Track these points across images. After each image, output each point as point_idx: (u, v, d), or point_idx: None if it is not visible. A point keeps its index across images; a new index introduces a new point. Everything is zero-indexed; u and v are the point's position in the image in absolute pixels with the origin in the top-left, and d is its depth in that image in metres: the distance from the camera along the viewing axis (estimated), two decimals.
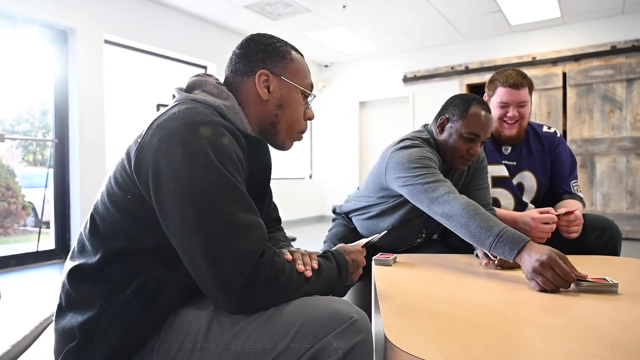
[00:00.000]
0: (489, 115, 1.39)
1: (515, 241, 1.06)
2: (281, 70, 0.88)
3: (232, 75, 0.89)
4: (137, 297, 0.70)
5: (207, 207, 0.67)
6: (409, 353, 0.64)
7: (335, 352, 0.65)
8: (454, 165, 1.45)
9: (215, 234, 0.66)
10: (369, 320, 0.71)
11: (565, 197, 1.64)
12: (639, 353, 0.65)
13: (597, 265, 1.30)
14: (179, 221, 0.67)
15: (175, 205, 0.67)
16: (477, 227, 1.13)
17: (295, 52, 0.93)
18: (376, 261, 1.27)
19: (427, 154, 1.37)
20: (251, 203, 0.72)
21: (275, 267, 0.70)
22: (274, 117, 0.88)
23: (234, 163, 0.71)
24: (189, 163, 0.67)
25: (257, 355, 0.67)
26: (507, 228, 1.10)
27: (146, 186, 0.70)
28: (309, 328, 0.67)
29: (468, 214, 1.16)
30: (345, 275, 0.87)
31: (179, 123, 0.70)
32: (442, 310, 0.85)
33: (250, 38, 0.90)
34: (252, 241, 0.68)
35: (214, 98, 0.82)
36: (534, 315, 0.82)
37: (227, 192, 0.68)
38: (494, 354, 0.65)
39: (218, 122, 0.73)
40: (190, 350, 0.70)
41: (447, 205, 1.20)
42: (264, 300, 0.69)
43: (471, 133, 1.37)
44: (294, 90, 0.89)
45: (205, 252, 0.66)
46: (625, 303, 0.90)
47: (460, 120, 1.39)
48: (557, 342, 0.69)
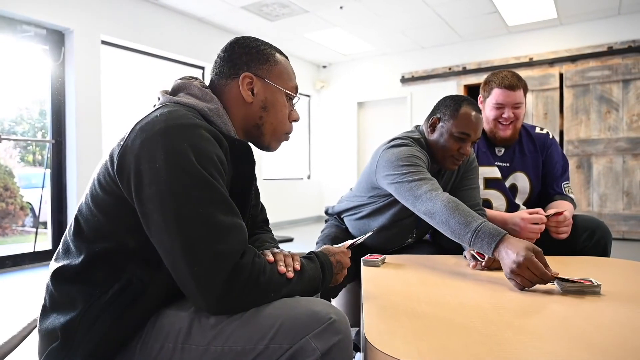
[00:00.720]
0: (479, 116, 1.41)
1: (492, 235, 1.08)
2: (265, 72, 0.89)
3: (217, 78, 0.90)
4: (119, 298, 0.71)
5: (188, 209, 0.67)
6: (386, 353, 0.65)
7: (313, 352, 0.66)
8: (445, 165, 1.46)
9: (195, 235, 0.67)
10: (348, 321, 0.72)
11: (557, 198, 1.65)
12: (613, 353, 0.65)
13: (586, 265, 1.31)
14: (160, 223, 0.68)
15: (156, 207, 0.68)
16: (456, 223, 1.16)
17: (280, 55, 0.94)
18: (365, 262, 1.28)
19: (416, 153, 1.38)
20: (232, 205, 0.73)
21: (256, 268, 0.71)
22: (258, 119, 0.90)
23: (216, 165, 0.72)
24: (170, 165, 0.68)
25: (237, 355, 0.68)
26: (485, 223, 1.12)
27: (128, 188, 0.71)
28: (288, 328, 0.68)
29: (448, 211, 1.18)
30: (330, 277, 0.88)
31: (160, 126, 0.71)
32: (424, 311, 0.85)
33: (235, 41, 0.91)
34: (232, 243, 0.69)
35: (198, 101, 0.83)
36: (515, 316, 0.83)
37: (207, 194, 0.69)
38: (469, 354, 0.65)
39: (200, 124, 0.74)
40: (171, 350, 0.71)
41: (429, 202, 1.23)
42: (243, 301, 0.70)
43: (462, 133, 1.39)
44: (278, 92, 0.90)
45: (185, 253, 0.67)
46: (607, 304, 0.91)
47: (451, 120, 1.41)
48: (532, 342, 0.70)
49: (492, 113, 1.64)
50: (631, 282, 1.10)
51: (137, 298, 0.72)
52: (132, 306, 0.72)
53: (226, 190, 0.74)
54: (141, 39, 4.27)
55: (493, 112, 1.63)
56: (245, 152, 0.84)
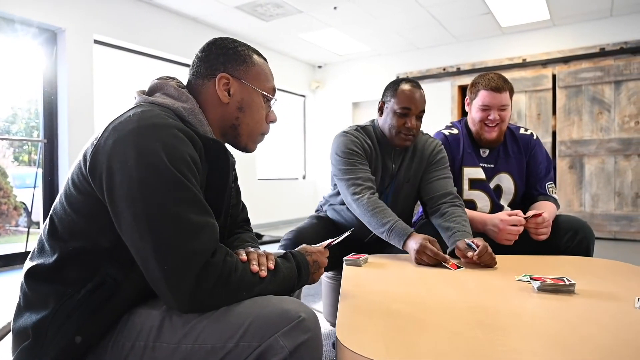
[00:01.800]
0: (417, 90, 1.53)
1: (401, 234, 1.35)
2: (242, 73, 0.90)
3: (194, 78, 0.90)
4: (91, 297, 0.72)
5: (158, 208, 0.68)
6: (352, 350, 0.66)
7: (281, 350, 0.67)
8: (396, 143, 1.55)
9: (165, 234, 0.68)
10: (318, 319, 0.73)
11: (540, 198, 1.66)
12: (576, 350, 0.67)
13: (567, 265, 1.32)
14: (131, 222, 0.68)
15: (127, 206, 0.69)
16: (375, 224, 1.41)
17: (258, 56, 0.94)
18: (347, 262, 1.29)
19: (354, 147, 1.53)
20: (204, 204, 0.73)
21: (227, 267, 0.72)
22: (234, 119, 0.90)
23: (188, 165, 0.73)
24: (141, 165, 0.69)
25: (207, 354, 0.69)
26: (396, 223, 1.37)
27: (100, 188, 0.71)
28: (257, 327, 0.68)
29: (368, 214, 1.42)
30: (306, 276, 0.89)
31: (133, 126, 0.71)
32: (398, 310, 0.86)
33: (212, 42, 0.92)
34: (202, 241, 0.70)
35: (174, 101, 0.84)
36: (487, 315, 0.84)
37: (178, 193, 0.70)
38: (436, 351, 0.67)
39: (173, 124, 0.74)
40: (142, 348, 0.71)
41: (356, 207, 1.46)
42: (214, 300, 0.71)
43: (403, 108, 1.51)
44: (255, 93, 0.91)
45: (155, 252, 0.67)
46: (579, 302, 0.92)
47: (392, 99, 1.54)
48: (499, 340, 0.71)
49: (478, 115, 1.65)
50: (607, 281, 1.11)
51: (110, 297, 0.73)
52: (104, 305, 0.72)
53: (199, 190, 0.74)
54: (134, 39, 4.27)
55: (479, 113, 1.65)
56: (220, 152, 0.84)
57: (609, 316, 0.83)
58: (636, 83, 4.61)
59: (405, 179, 1.60)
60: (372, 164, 1.57)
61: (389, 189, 1.61)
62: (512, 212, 1.43)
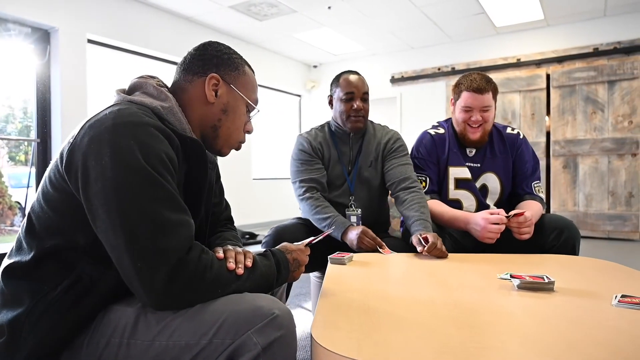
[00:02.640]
0: (356, 76, 1.70)
1: (340, 227, 1.53)
2: (232, 79, 0.92)
3: (184, 74, 0.91)
4: (67, 294, 0.72)
5: (132, 205, 0.69)
6: (325, 347, 0.66)
7: (254, 347, 0.67)
8: (350, 127, 1.70)
9: (138, 231, 0.68)
10: (293, 316, 0.73)
11: (526, 197, 1.66)
12: (547, 347, 0.67)
13: (551, 264, 1.33)
14: (105, 219, 0.69)
15: (101, 204, 0.69)
16: (318, 219, 1.59)
17: (249, 68, 0.98)
18: (332, 260, 1.29)
19: (302, 150, 1.72)
20: (179, 202, 0.74)
21: (202, 264, 0.72)
22: (216, 120, 0.91)
23: (163, 163, 0.73)
24: (115, 163, 0.69)
25: (181, 350, 0.69)
26: (337, 217, 1.56)
27: (76, 185, 0.72)
28: (231, 324, 0.69)
29: (312, 212, 1.60)
30: (286, 274, 0.90)
31: (108, 124, 0.72)
32: (376, 308, 0.87)
33: (209, 43, 0.95)
34: (176, 239, 0.70)
35: (152, 99, 0.84)
36: (463, 313, 0.84)
37: (152, 191, 0.70)
38: (407, 348, 0.67)
39: (148, 122, 0.75)
40: (117, 345, 0.72)
41: (301, 207, 1.65)
42: (187, 297, 0.71)
43: (346, 93, 1.68)
44: (240, 100, 0.94)
45: (128, 248, 0.68)
46: (557, 300, 0.92)
47: (337, 88, 1.72)
48: (473, 337, 0.71)
49: (461, 116, 1.65)
50: (589, 280, 1.12)
51: (86, 294, 0.73)
52: (79, 302, 0.73)
53: (175, 187, 0.74)
54: (128, 38, 4.26)
55: (462, 114, 1.65)
56: (198, 150, 0.85)
57: (584, 314, 0.84)
58: (630, 83, 4.63)
59: (367, 163, 1.74)
60: (326, 156, 1.74)
61: (352, 174, 1.74)
62: (494, 211, 1.44)
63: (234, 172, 5.47)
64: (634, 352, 0.65)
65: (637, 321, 0.78)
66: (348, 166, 1.75)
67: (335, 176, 1.73)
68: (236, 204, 6.15)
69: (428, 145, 1.72)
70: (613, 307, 0.86)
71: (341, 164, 1.74)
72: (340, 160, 1.74)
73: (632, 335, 0.72)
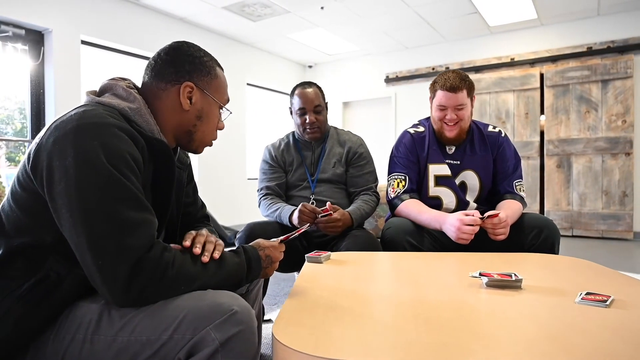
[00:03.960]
0: (308, 89, 1.82)
1: (286, 214, 1.68)
2: (205, 84, 0.94)
3: (155, 81, 0.91)
4: (33, 291, 0.74)
5: (94, 205, 0.70)
6: (282, 342, 0.68)
7: (212, 342, 0.69)
8: (308, 138, 1.86)
9: (99, 230, 0.70)
10: (253, 313, 0.75)
11: (507, 196, 1.67)
12: (501, 343, 0.68)
13: (527, 262, 1.34)
14: (69, 218, 0.71)
15: (64, 203, 0.71)
16: (271, 213, 1.75)
17: (219, 68, 0.99)
18: (308, 259, 1.31)
19: (265, 159, 1.92)
20: (141, 201, 0.75)
21: (163, 262, 0.74)
22: (192, 126, 0.94)
23: (127, 163, 0.75)
24: (78, 163, 0.71)
25: (143, 346, 0.71)
26: (284, 207, 1.71)
27: (41, 185, 0.74)
28: (191, 320, 0.71)
29: (266, 210, 1.78)
30: (258, 270, 0.91)
31: (72, 125, 0.73)
32: (342, 305, 0.88)
33: (179, 46, 0.94)
34: (137, 237, 0.72)
35: (120, 101, 0.85)
36: (426, 310, 0.86)
37: (114, 191, 0.72)
38: (363, 344, 0.68)
39: (113, 123, 0.76)
40: (81, 341, 0.73)
41: (260, 210, 1.85)
42: (149, 295, 0.73)
43: (299, 109, 1.82)
44: (214, 104, 0.96)
45: (90, 247, 0.69)
46: (522, 297, 0.94)
47: (291, 105, 1.88)
48: (429, 332, 0.73)
49: (437, 114, 1.66)
50: (559, 278, 1.13)
51: (53, 291, 0.75)
52: (46, 299, 0.74)
53: (138, 187, 0.76)
54: (122, 39, 4.28)
55: (437, 113, 1.66)
56: (164, 151, 0.86)
57: (546, 311, 0.85)
58: (623, 82, 4.64)
59: (330, 164, 1.86)
60: (288, 161, 1.91)
61: (315, 176, 1.87)
62: (468, 213, 1.45)
63: (229, 171, 5.48)
64: (585, 347, 0.67)
65: (595, 317, 0.80)
66: (310, 168, 1.88)
67: (298, 178, 1.88)
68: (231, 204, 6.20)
69: (408, 144, 1.73)
70: (576, 305, 0.88)
71: (304, 166, 1.89)
72: (303, 163, 1.89)
73: (587, 331, 0.73)
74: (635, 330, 0.73)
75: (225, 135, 5.13)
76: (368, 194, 1.83)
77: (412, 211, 1.61)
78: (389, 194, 1.73)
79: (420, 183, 1.72)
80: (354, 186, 1.86)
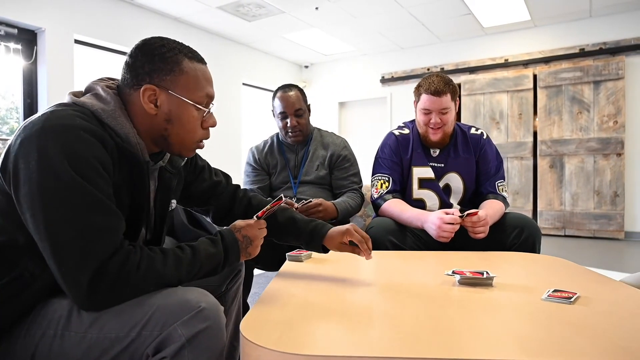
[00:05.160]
0: (288, 93, 1.84)
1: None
2: (169, 83, 0.84)
3: (122, 86, 0.87)
4: (6, 289, 0.74)
5: (55, 211, 0.70)
6: (247, 338, 0.69)
7: (179, 338, 0.70)
8: (291, 142, 1.90)
9: (61, 237, 0.70)
10: (220, 310, 0.76)
11: (490, 197, 1.69)
12: (456, 337, 0.70)
13: (504, 261, 1.36)
14: (33, 222, 0.71)
15: (28, 207, 0.71)
16: None
17: (189, 61, 0.87)
18: (289, 257, 1.32)
19: (250, 163, 1.96)
20: (106, 206, 0.74)
21: (126, 268, 0.73)
22: (163, 130, 0.87)
23: (92, 167, 0.73)
24: (41, 167, 0.70)
25: (112, 343, 0.72)
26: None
27: (9, 186, 0.74)
28: (159, 317, 0.72)
29: None
30: (236, 254, 0.90)
31: (38, 126, 0.73)
32: (312, 302, 0.90)
33: (140, 46, 0.87)
34: (98, 244, 0.72)
35: (95, 101, 0.84)
36: (392, 307, 0.88)
37: (76, 196, 0.71)
38: (325, 338, 0.70)
39: (79, 125, 0.75)
40: (51, 337, 0.74)
41: None
42: (113, 300, 0.73)
43: (280, 113, 1.85)
44: (184, 104, 0.86)
45: (53, 253, 0.70)
46: (491, 295, 0.96)
47: (273, 108, 1.89)
48: (392, 328, 0.74)
49: (422, 118, 1.68)
50: (533, 276, 1.15)
51: (23, 289, 0.76)
52: (19, 296, 0.75)
53: (105, 190, 0.75)
54: (116, 39, 4.29)
55: (422, 117, 1.68)
56: (131, 157, 0.84)
57: (510, 307, 0.87)
58: (615, 83, 4.66)
59: (313, 167, 1.89)
60: (272, 163, 1.93)
61: (298, 178, 1.90)
62: (449, 211, 1.47)
63: (225, 170, 5.49)
64: (542, 340, 0.69)
65: (556, 313, 0.82)
66: (294, 171, 1.91)
67: (281, 181, 1.90)
68: None
69: (392, 145, 1.75)
70: (541, 302, 0.90)
71: (287, 169, 1.91)
72: (287, 166, 1.91)
73: (546, 326, 0.75)
74: (591, 325, 0.75)
75: (221, 135, 5.14)
76: (353, 192, 1.86)
77: (394, 210, 1.62)
78: (372, 195, 1.75)
79: (404, 185, 1.74)
80: (339, 188, 1.88)
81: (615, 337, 0.69)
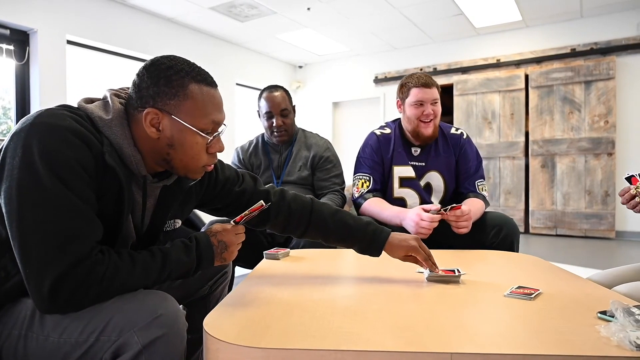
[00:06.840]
0: (274, 93, 1.88)
1: None
2: (172, 108, 0.82)
3: (128, 105, 0.84)
4: None
5: (28, 211, 0.70)
6: (208, 332, 0.71)
7: (135, 345, 0.70)
8: (276, 142, 1.92)
9: (29, 239, 0.70)
10: (180, 316, 0.76)
11: (470, 196, 1.71)
12: (414, 331, 0.72)
13: (478, 259, 1.39)
14: (8, 219, 0.72)
15: (5, 203, 0.72)
16: None
17: (195, 85, 0.83)
18: (266, 255, 1.34)
19: (234, 164, 1.97)
20: (79, 211, 0.73)
21: (90, 279, 0.72)
22: (165, 154, 0.85)
23: (72, 170, 0.73)
24: (23, 165, 0.71)
25: (72, 347, 0.72)
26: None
27: None
28: (117, 322, 0.72)
29: None
30: (209, 259, 0.89)
31: (27, 124, 0.73)
32: (279, 298, 0.91)
33: (147, 66, 0.84)
34: (65, 249, 0.71)
35: (97, 109, 0.83)
36: (359, 304, 0.89)
37: (51, 199, 0.71)
38: (284, 333, 0.72)
39: (67, 126, 0.74)
40: (16, 337, 0.75)
41: None
42: (71, 306, 0.72)
43: (266, 112, 1.88)
44: (187, 130, 0.83)
45: (20, 254, 0.71)
46: (456, 291, 0.98)
47: (259, 108, 1.94)
48: (351, 325, 0.76)
49: (413, 112, 1.70)
50: (502, 273, 1.18)
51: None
52: None
53: (82, 195, 0.74)
54: (109, 39, 4.29)
55: (414, 110, 1.70)
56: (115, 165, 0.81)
57: (471, 303, 0.89)
58: (605, 83, 4.69)
59: (296, 167, 1.92)
60: (256, 164, 1.96)
61: (281, 178, 1.92)
62: (428, 207, 1.48)
63: None
64: (492, 334, 0.71)
65: (514, 309, 0.84)
66: (277, 171, 1.94)
67: (265, 181, 1.91)
68: None
69: (374, 145, 1.77)
70: (503, 297, 0.92)
71: (270, 169, 1.95)
72: (270, 166, 1.95)
73: (500, 320, 0.77)
74: (542, 320, 0.77)
75: None
76: (334, 194, 1.89)
77: (374, 209, 1.65)
78: (353, 194, 1.77)
79: (385, 184, 1.76)
80: (321, 189, 1.92)
81: (563, 330, 0.72)
